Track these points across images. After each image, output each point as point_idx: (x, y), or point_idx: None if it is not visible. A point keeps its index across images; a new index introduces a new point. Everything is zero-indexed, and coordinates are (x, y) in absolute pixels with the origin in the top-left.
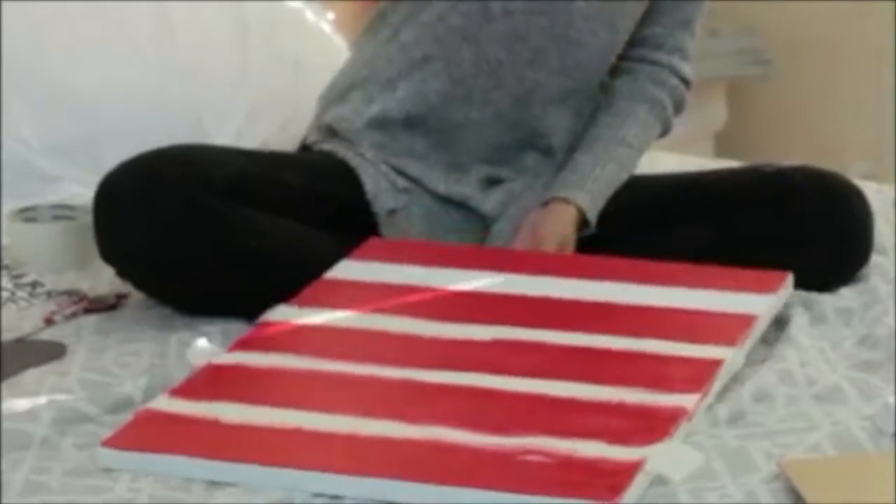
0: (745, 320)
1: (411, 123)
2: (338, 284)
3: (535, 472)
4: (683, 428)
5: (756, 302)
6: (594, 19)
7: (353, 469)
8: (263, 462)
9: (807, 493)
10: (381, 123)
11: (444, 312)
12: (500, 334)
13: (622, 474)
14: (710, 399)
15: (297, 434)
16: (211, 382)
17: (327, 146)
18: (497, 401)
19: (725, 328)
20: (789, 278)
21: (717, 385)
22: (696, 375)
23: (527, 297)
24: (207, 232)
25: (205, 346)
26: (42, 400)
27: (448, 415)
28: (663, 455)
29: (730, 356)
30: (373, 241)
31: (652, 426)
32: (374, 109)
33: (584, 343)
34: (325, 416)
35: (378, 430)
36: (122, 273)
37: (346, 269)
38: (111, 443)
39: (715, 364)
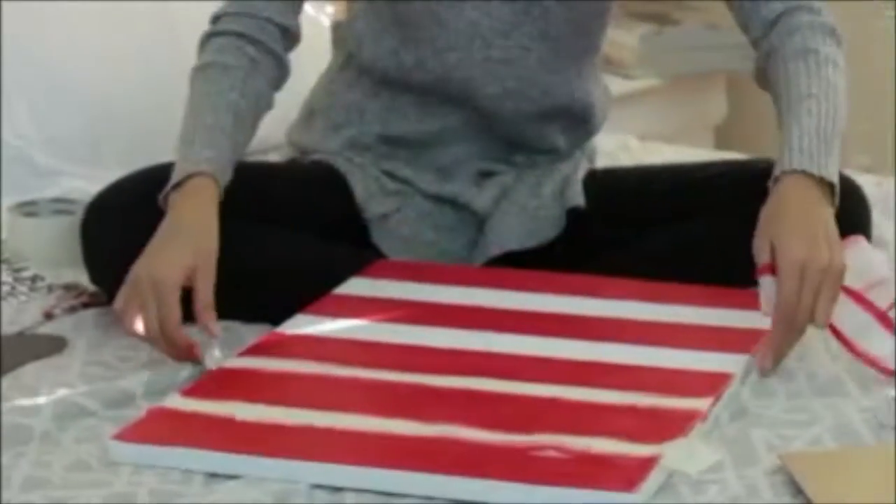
0: (754, 334)
1: (390, 140)
2: (346, 299)
3: (550, 465)
4: (698, 428)
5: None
6: (515, 35)
7: (355, 460)
8: (269, 454)
9: (808, 488)
10: (356, 145)
11: (456, 324)
12: (513, 344)
13: (638, 468)
14: (722, 403)
15: (308, 430)
16: (223, 384)
17: (317, 156)
18: (510, 403)
19: (736, 340)
20: None
21: (728, 391)
22: (709, 382)
23: (538, 312)
24: None
25: (218, 353)
26: (42, 394)
27: (460, 415)
28: (679, 451)
29: (741, 365)
30: (379, 262)
31: (667, 426)
32: (347, 134)
33: (598, 352)
34: (337, 414)
35: (389, 427)
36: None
37: (354, 286)
38: (122, 436)
39: (726, 374)
